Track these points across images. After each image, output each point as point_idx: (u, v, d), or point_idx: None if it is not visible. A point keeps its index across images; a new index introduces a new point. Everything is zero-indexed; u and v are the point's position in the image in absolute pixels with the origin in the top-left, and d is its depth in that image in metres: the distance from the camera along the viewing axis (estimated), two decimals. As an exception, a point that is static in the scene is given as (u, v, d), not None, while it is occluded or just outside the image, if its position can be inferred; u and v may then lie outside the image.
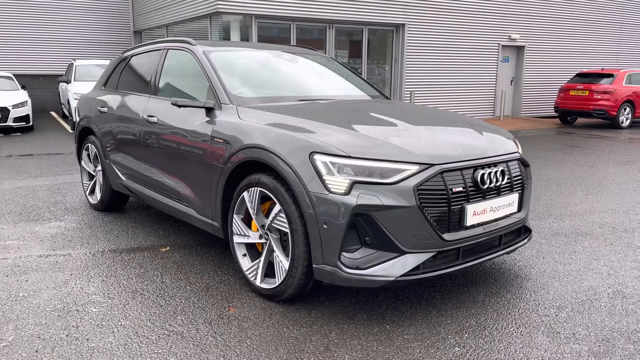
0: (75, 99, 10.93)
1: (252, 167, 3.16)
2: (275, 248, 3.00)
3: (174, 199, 3.86)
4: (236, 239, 3.25)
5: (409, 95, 13.66)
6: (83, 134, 5.21)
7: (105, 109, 4.74)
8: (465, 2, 14.33)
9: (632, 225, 4.76)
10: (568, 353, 2.56)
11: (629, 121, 13.95)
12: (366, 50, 13.67)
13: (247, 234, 3.20)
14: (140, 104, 4.26)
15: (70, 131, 11.47)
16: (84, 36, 17.38)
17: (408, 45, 13.77)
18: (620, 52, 17.89)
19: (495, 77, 15.54)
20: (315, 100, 3.84)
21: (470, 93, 15.13)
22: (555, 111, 14.83)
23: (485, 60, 15.19)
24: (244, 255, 3.25)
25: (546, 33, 16.10)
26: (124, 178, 4.53)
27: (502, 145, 3.24)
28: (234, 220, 3.23)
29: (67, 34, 17.18)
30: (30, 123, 11.49)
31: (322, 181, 2.68)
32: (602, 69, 14.77)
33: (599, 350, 2.59)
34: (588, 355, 2.54)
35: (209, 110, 3.50)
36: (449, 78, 14.63)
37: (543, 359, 2.51)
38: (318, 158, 2.72)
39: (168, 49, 4.29)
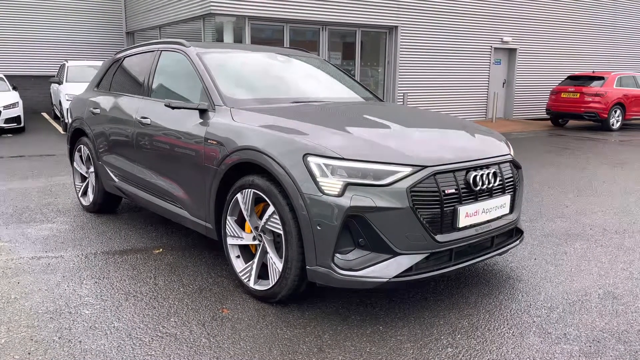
0: (67, 100, 10.87)
1: (245, 168, 3.16)
2: (268, 249, 3.01)
3: (167, 201, 3.85)
4: (230, 241, 3.25)
5: (402, 97, 13.71)
6: (75, 136, 5.19)
7: (97, 111, 4.73)
8: (457, 5, 14.41)
9: (622, 226, 4.81)
10: (559, 353, 2.58)
11: (619, 123, 14.07)
12: (359, 52, 13.70)
13: (240, 236, 3.20)
14: (133, 106, 4.25)
15: (62, 132, 11.41)
16: (76, 37, 17.28)
17: (401, 48, 13.82)
18: (611, 55, 18.04)
19: (487, 80, 15.63)
20: (309, 102, 3.85)
21: (462, 95, 15.20)
22: (547, 113, 14.93)
23: (477, 62, 15.27)
24: (238, 256, 3.25)
25: (538, 36, 16.21)
26: (116, 180, 4.51)
27: (494, 147, 3.26)
28: (227, 221, 3.23)
29: (59, 35, 17.07)
30: (22, 124, 11.41)
31: (316, 183, 2.69)
32: (593, 72, 14.89)
33: (589, 350, 2.62)
34: (579, 356, 2.57)
35: (203, 112, 3.50)
36: (442, 80, 14.70)
37: (534, 359, 2.53)
38: (312, 160, 2.73)
39: (161, 50, 4.28)
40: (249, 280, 3.13)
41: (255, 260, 3.10)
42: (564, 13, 16.53)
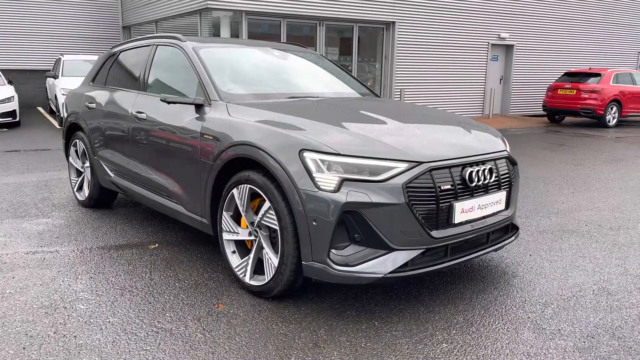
0: (63, 94, 10.80)
1: (241, 164, 3.15)
2: (264, 245, 3.01)
3: (163, 196, 3.84)
4: (225, 236, 3.25)
5: (399, 93, 13.69)
6: (71, 130, 5.17)
7: (93, 105, 4.71)
8: (455, 0, 14.38)
9: (617, 222, 4.82)
10: (553, 349, 2.59)
11: (615, 120, 14.10)
12: (356, 47, 13.67)
13: (236, 231, 3.20)
14: (129, 100, 4.23)
15: (58, 127, 11.36)
16: (72, 31, 17.17)
17: (398, 43, 13.80)
18: (608, 52, 18.06)
19: (484, 76, 15.62)
20: (305, 97, 3.84)
21: (459, 91, 15.20)
22: (544, 110, 14.95)
23: (474, 58, 15.26)
24: (233, 252, 3.25)
25: (535, 32, 16.21)
26: (112, 174, 4.50)
27: (491, 143, 3.26)
28: (223, 217, 3.23)
29: (55, 29, 16.97)
30: (17, 119, 11.36)
31: (312, 178, 2.69)
32: (590, 69, 14.91)
33: (584, 346, 2.63)
34: (573, 351, 2.58)
35: (199, 107, 3.49)
36: (439, 76, 14.69)
37: (529, 355, 2.54)
38: (308, 155, 2.73)
39: (157, 44, 4.26)
40: (244, 275, 3.13)
41: (251, 255, 3.10)
42: (561, 10, 16.53)
